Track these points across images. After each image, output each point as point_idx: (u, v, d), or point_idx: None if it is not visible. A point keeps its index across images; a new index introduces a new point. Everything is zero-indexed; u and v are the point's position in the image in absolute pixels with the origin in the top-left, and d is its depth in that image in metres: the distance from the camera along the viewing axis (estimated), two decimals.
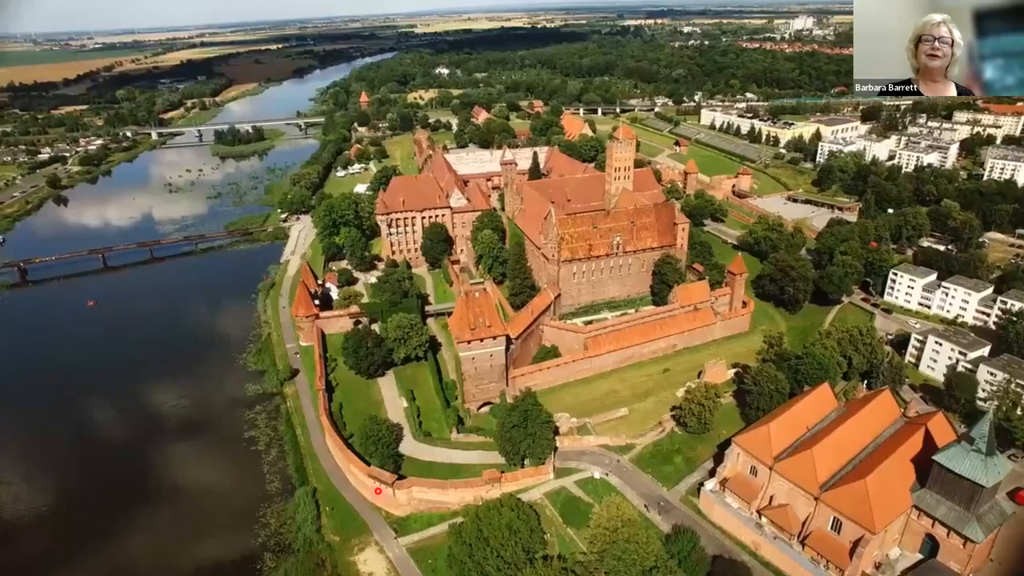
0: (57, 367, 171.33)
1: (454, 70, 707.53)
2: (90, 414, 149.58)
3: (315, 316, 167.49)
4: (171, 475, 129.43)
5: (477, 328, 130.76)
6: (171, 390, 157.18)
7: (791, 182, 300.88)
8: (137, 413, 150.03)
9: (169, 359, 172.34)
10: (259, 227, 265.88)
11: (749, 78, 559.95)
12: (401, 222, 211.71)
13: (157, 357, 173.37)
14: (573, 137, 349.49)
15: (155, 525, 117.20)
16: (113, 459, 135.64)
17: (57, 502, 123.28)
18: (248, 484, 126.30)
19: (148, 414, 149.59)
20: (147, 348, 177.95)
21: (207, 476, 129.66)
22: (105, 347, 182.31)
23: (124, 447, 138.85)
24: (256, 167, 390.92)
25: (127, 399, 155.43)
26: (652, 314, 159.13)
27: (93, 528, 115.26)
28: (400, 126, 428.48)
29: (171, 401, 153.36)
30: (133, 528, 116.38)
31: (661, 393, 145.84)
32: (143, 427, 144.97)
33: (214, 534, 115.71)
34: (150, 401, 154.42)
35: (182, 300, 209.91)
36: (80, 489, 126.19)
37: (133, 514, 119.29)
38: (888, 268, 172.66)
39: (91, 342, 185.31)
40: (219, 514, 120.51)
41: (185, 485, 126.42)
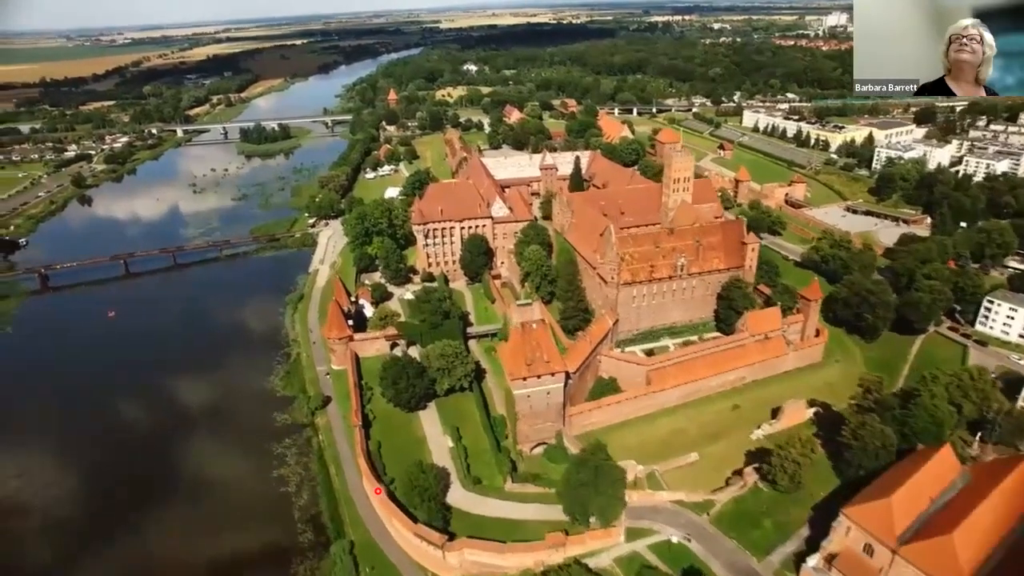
0: (69, 388, 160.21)
1: (482, 67, 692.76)
2: (99, 448, 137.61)
3: (349, 338, 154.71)
4: (196, 521, 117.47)
5: (534, 364, 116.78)
6: (194, 417, 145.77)
7: (845, 190, 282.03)
8: (157, 440, 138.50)
9: (192, 380, 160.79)
10: (286, 233, 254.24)
11: (789, 77, 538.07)
12: (438, 233, 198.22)
13: (179, 378, 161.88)
14: (612, 139, 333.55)
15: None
16: (129, 493, 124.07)
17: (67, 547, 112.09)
18: (278, 534, 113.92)
19: (170, 443, 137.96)
20: (168, 368, 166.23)
21: (234, 525, 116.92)
22: (122, 365, 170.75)
23: (143, 478, 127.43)
24: (282, 166, 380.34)
25: (146, 425, 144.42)
26: (720, 344, 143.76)
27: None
28: (430, 125, 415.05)
29: (194, 430, 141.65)
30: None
31: (733, 434, 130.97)
32: (166, 456, 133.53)
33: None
34: (173, 427, 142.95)
35: (205, 313, 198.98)
36: (88, 536, 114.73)
37: (150, 552, 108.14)
38: (981, 294, 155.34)
39: (108, 359, 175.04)
40: (246, 570, 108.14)
41: (211, 535, 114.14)
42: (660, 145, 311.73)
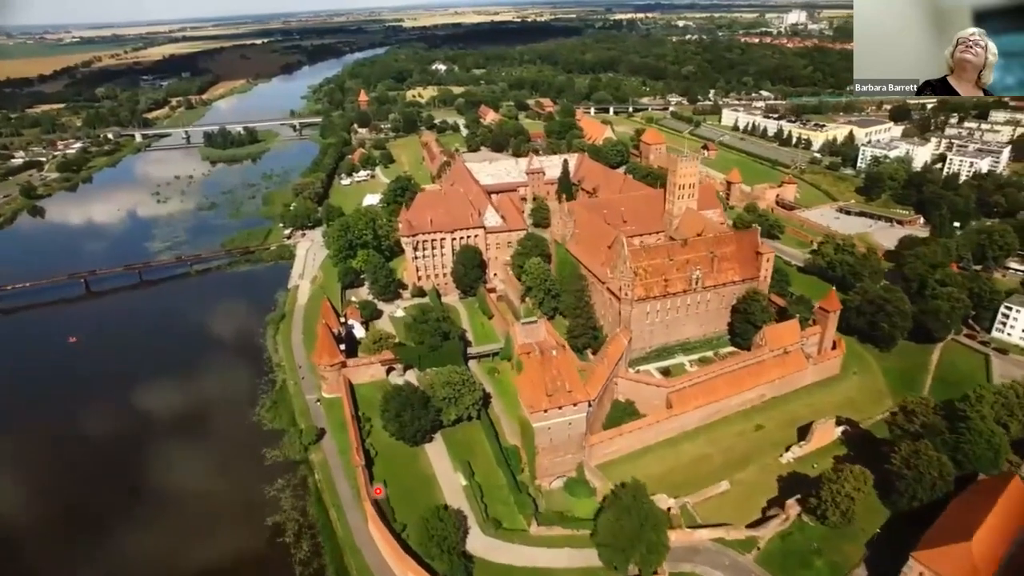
0: (29, 425, 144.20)
1: (451, 66, 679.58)
2: (64, 495, 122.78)
3: (341, 364, 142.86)
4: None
5: (556, 394, 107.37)
6: (173, 459, 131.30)
7: (832, 190, 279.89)
8: (132, 487, 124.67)
9: (168, 414, 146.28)
10: (261, 245, 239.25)
11: (761, 75, 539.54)
12: (428, 244, 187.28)
13: (153, 412, 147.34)
14: (595, 140, 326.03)
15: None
16: (103, 550, 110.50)
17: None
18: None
19: (147, 489, 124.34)
20: (139, 400, 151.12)
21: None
22: (85, 399, 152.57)
23: (117, 533, 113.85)
24: (251, 172, 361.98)
25: (116, 465, 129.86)
26: (740, 361, 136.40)
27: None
28: (403, 127, 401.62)
29: (174, 474, 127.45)
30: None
31: (761, 458, 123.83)
32: (143, 503, 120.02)
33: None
34: (149, 470, 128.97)
35: (178, 336, 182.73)
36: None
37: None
38: (999, 300, 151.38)
39: (68, 391, 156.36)
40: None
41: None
42: (645, 146, 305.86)
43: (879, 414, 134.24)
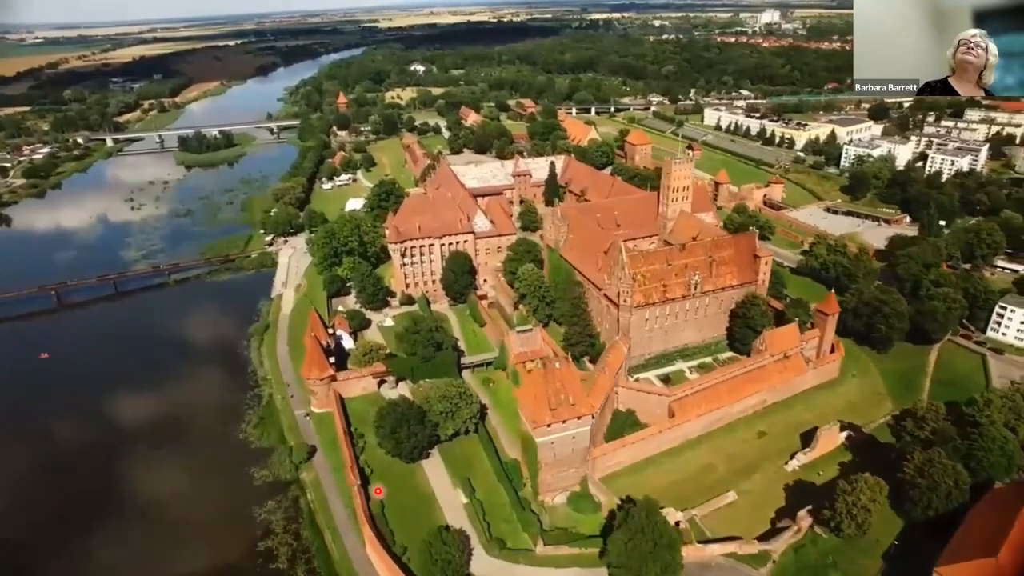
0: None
1: (429, 67, 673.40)
2: (39, 523, 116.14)
3: (331, 378, 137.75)
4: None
5: (559, 408, 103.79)
6: (157, 481, 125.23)
7: (817, 189, 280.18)
8: (114, 509, 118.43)
9: (150, 433, 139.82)
10: (241, 252, 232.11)
11: (741, 75, 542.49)
12: (417, 251, 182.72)
13: (134, 430, 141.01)
14: (579, 141, 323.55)
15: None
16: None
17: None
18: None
19: (131, 514, 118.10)
20: (119, 417, 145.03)
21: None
22: (60, 418, 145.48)
23: (99, 560, 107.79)
24: (228, 177, 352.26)
25: (98, 490, 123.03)
26: (741, 367, 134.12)
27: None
28: (384, 129, 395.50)
29: (159, 497, 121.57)
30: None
31: (765, 466, 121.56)
32: (125, 531, 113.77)
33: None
34: (132, 493, 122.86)
35: (157, 349, 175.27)
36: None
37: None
38: (994, 299, 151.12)
39: (42, 411, 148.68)
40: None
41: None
42: (631, 147, 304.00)
43: (881, 418, 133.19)
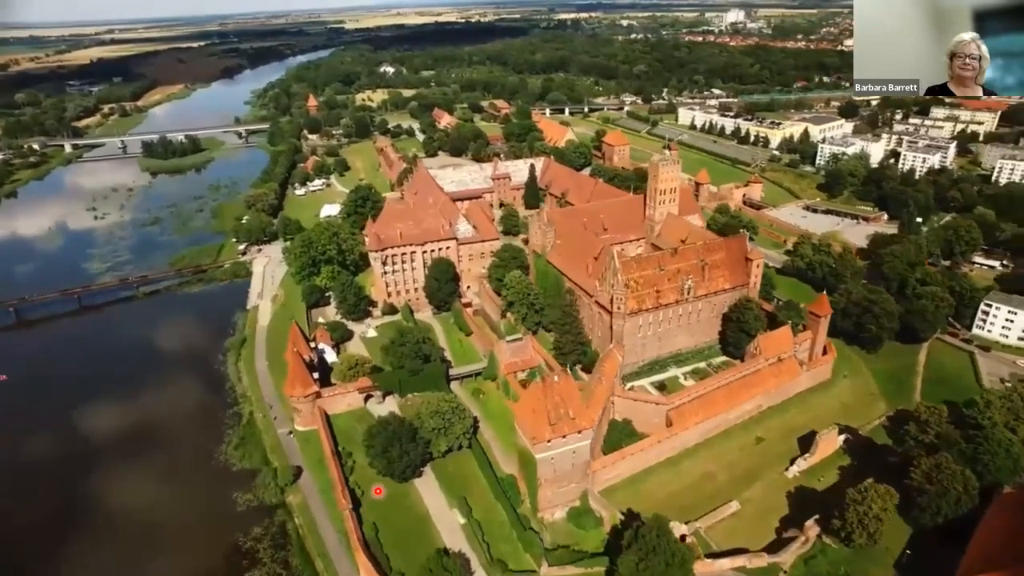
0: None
1: (399, 68, 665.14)
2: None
3: (315, 395, 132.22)
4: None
5: (559, 423, 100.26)
6: (132, 509, 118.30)
7: (794, 187, 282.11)
8: (86, 542, 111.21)
9: (122, 456, 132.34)
10: (213, 262, 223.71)
11: (712, 73, 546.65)
12: (398, 258, 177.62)
13: (104, 454, 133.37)
14: (556, 142, 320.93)
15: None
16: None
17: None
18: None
19: (106, 543, 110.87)
20: (88, 442, 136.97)
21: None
22: (23, 444, 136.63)
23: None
24: (196, 183, 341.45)
25: (67, 520, 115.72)
26: (737, 372, 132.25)
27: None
28: (356, 132, 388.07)
29: (133, 528, 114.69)
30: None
31: (766, 474, 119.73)
32: (100, 565, 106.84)
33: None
34: (106, 522, 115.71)
35: (127, 367, 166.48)
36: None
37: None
38: (979, 297, 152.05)
39: (4, 437, 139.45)
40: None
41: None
42: (609, 148, 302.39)
43: (876, 419, 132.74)
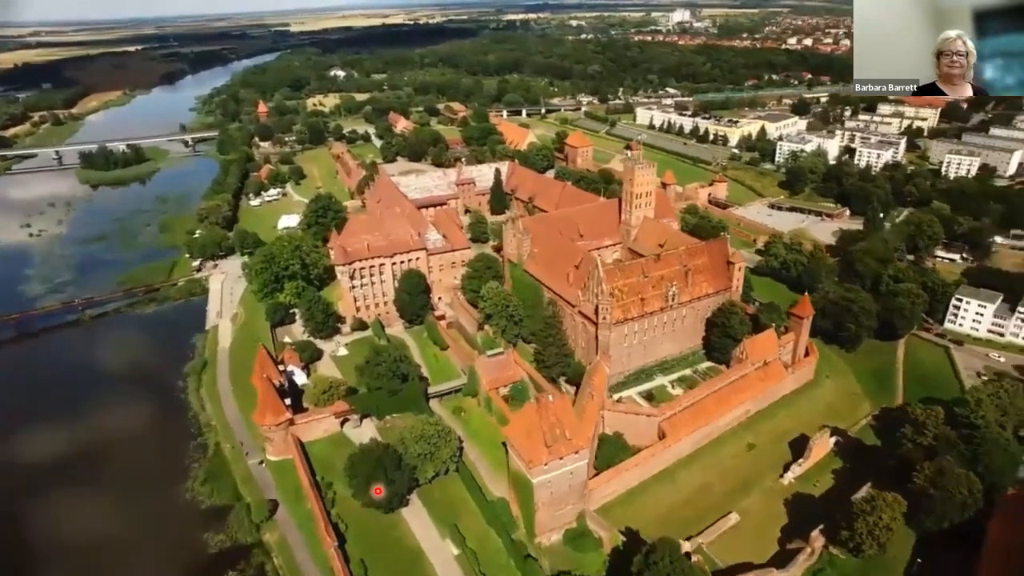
0: None
1: (350, 72, 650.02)
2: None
3: (289, 422, 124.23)
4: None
5: (555, 444, 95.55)
6: (89, 560, 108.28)
7: (756, 185, 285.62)
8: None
9: (72, 498, 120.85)
10: (166, 281, 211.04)
11: (665, 73, 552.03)
12: (367, 271, 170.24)
13: (55, 499, 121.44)
14: (517, 145, 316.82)
15: None
16: None
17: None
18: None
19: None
20: (34, 487, 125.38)
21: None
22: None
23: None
24: (142, 195, 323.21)
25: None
26: (725, 378, 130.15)
27: None
28: (310, 139, 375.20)
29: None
30: None
31: (761, 481, 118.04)
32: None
33: None
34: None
35: (75, 399, 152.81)
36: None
37: None
38: (950, 292, 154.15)
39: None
40: None
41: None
42: (572, 149, 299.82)
43: (862, 419, 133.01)
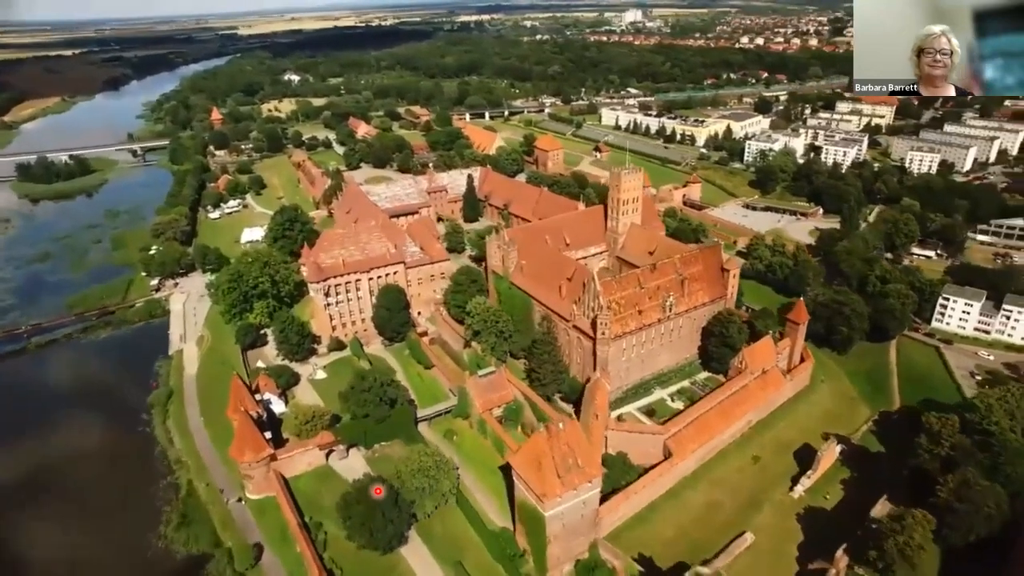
0: None
1: (304, 76, 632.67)
2: None
3: (270, 458, 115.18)
4: None
5: (568, 474, 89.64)
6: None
7: (727, 185, 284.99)
8: None
9: (24, 555, 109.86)
10: (121, 302, 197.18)
11: (625, 73, 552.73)
12: (342, 288, 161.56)
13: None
14: (485, 149, 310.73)
15: None
16: None
17: None
18: None
19: None
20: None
21: None
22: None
23: None
24: (89, 210, 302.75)
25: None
26: (727, 390, 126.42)
27: None
28: (268, 146, 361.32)
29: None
30: None
31: (771, 496, 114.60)
32: None
33: None
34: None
35: (23, 437, 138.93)
36: None
37: None
38: (938, 290, 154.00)
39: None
40: None
41: None
42: (542, 153, 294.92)
43: (863, 424, 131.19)
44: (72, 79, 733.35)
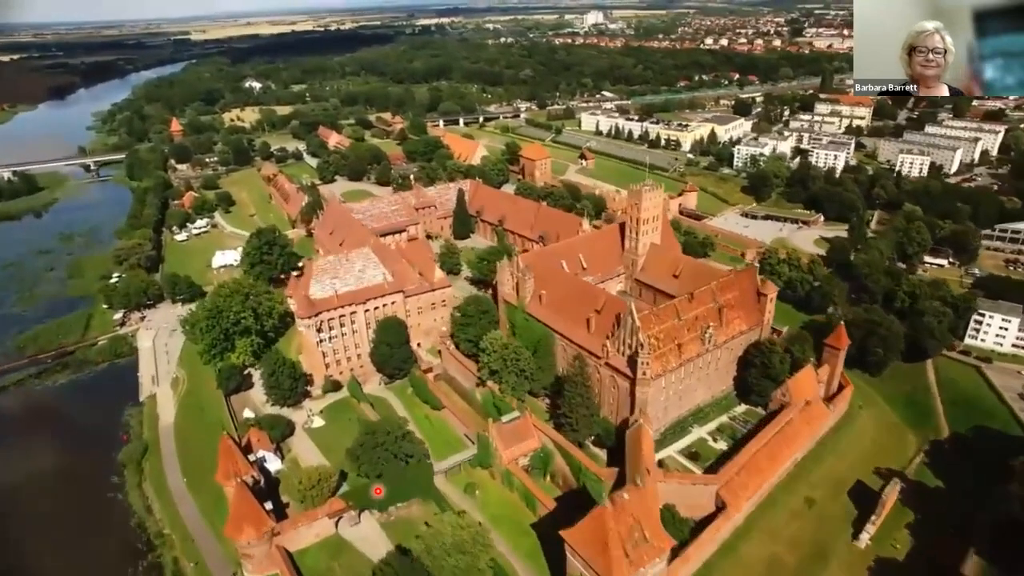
0: None
1: (266, 83, 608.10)
2: None
3: (273, 533, 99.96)
4: None
5: (637, 552, 77.32)
6: None
7: (719, 191, 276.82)
8: None
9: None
10: (81, 340, 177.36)
11: (599, 76, 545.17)
12: (336, 322, 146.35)
13: None
14: (467, 159, 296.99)
15: None
16: None
17: None
18: None
19: None
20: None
21: None
22: None
23: None
24: (38, 233, 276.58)
25: None
26: (774, 427, 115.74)
27: None
28: (234, 159, 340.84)
29: None
30: None
31: (835, 546, 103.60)
32: None
33: None
34: None
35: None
36: None
37: None
38: (973, 307, 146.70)
39: None
40: None
41: None
42: (529, 162, 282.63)
43: (916, 456, 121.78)
44: (12, 87, 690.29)
